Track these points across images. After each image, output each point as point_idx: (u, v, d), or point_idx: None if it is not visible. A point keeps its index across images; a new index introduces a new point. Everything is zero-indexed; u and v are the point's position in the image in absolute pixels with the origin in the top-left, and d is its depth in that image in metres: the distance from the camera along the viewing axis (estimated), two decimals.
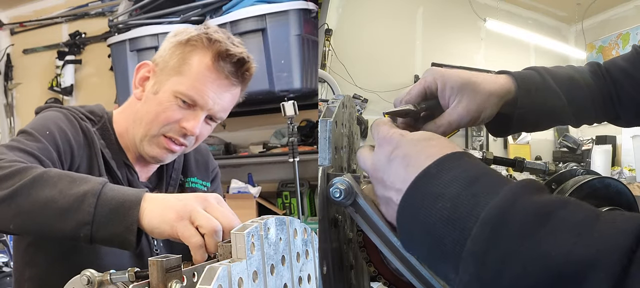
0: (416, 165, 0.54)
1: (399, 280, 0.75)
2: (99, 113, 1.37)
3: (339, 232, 0.76)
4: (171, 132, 1.31)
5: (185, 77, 1.29)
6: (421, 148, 0.56)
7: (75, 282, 0.82)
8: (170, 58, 1.32)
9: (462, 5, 4.99)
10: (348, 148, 0.86)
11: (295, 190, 3.02)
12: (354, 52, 4.45)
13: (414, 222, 0.51)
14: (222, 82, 1.30)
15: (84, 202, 0.95)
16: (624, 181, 4.13)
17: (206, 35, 1.30)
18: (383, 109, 4.58)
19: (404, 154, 0.57)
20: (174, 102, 1.29)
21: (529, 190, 0.46)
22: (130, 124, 1.35)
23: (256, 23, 3.02)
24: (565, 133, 5.53)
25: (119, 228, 0.94)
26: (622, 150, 4.93)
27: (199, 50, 1.30)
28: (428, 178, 0.52)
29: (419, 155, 0.55)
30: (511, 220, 0.44)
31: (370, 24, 4.60)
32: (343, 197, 0.65)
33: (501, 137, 0.96)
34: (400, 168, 0.56)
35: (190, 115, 1.30)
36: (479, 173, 0.50)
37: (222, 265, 0.63)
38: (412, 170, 0.54)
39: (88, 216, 0.94)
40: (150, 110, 1.31)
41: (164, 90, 1.30)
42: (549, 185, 0.94)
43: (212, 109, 1.31)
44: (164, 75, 1.31)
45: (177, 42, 1.33)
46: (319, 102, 3.27)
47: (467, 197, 0.48)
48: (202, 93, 1.28)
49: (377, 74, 4.57)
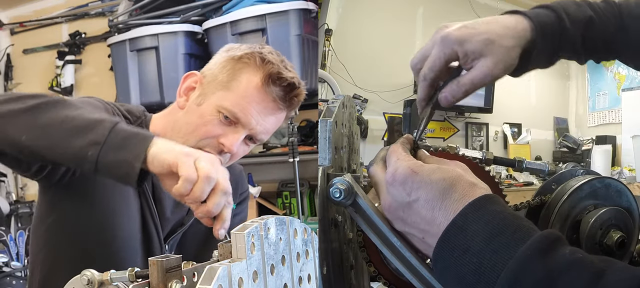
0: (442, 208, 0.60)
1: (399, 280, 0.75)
2: (137, 114, 1.36)
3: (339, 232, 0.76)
4: (208, 146, 1.27)
5: (231, 93, 1.27)
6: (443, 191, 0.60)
7: (76, 282, 0.82)
8: (220, 72, 1.30)
9: (462, 5, 4.99)
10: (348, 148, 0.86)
11: (295, 190, 3.02)
12: (354, 52, 4.45)
13: (448, 272, 0.59)
14: (269, 105, 1.28)
15: (100, 125, 0.98)
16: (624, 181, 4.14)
17: (260, 55, 1.28)
18: (383, 109, 4.60)
19: (426, 199, 0.61)
20: (216, 117, 1.26)
21: (542, 252, 0.52)
22: (168, 131, 1.32)
23: (256, 23, 3.02)
24: (565, 133, 5.54)
25: (127, 155, 0.95)
26: (622, 150, 4.93)
27: (250, 69, 1.28)
28: (455, 230, 0.58)
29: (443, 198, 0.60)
30: (522, 285, 0.52)
31: (370, 24, 4.60)
32: (343, 197, 0.65)
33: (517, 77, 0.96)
34: (424, 211, 0.61)
35: (230, 131, 1.27)
36: (499, 226, 0.56)
37: (222, 265, 0.63)
38: (439, 214, 0.60)
39: (101, 137, 0.96)
40: (190, 121, 1.29)
41: (208, 103, 1.28)
42: (549, 185, 0.94)
43: (253, 129, 1.28)
44: (210, 88, 1.29)
45: (229, 57, 1.31)
46: (319, 102, 3.27)
47: (490, 253, 0.55)
48: (246, 111, 1.26)
49: (377, 74, 4.57)
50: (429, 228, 0.60)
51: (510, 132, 5.40)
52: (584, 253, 0.53)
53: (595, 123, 5.55)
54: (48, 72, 4.40)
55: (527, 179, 4.63)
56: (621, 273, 0.50)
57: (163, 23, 3.34)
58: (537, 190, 0.95)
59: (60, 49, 4.34)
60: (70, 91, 4.28)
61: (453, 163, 0.65)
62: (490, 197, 0.59)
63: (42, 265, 1.31)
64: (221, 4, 3.20)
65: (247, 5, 3.08)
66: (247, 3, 3.09)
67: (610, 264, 0.51)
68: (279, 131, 3.60)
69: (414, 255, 0.65)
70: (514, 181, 4.67)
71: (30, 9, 4.50)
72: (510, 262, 0.53)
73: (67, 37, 4.33)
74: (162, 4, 3.41)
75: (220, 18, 3.11)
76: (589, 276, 0.50)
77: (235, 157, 1.33)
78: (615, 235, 0.87)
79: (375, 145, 4.38)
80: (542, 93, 5.68)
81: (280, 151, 3.44)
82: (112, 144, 0.96)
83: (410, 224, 0.62)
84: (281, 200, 3.69)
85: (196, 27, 3.28)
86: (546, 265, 0.52)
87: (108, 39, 3.58)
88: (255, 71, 1.27)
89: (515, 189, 4.46)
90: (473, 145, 5.11)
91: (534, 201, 0.92)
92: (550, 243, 0.53)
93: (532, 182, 4.54)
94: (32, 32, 4.49)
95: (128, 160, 0.95)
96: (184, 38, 3.26)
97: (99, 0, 4.24)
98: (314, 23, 3.19)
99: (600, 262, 0.51)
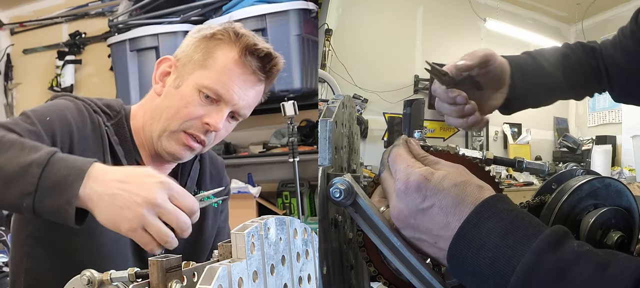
0: (456, 213, 0.62)
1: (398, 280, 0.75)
2: (117, 108, 1.33)
3: (339, 232, 0.76)
4: (192, 128, 1.26)
5: (210, 71, 1.25)
6: (456, 197, 0.62)
7: (76, 281, 0.82)
8: (194, 52, 1.29)
9: (462, 5, 4.99)
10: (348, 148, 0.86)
11: (295, 190, 3.02)
12: (354, 52, 4.45)
13: (463, 267, 0.61)
14: (249, 77, 1.27)
15: (28, 172, 0.93)
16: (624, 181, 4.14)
17: (233, 30, 1.27)
18: (383, 109, 4.59)
19: (441, 206, 0.63)
20: (197, 97, 1.25)
21: (553, 246, 0.56)
22: (148, 119, 1.31)
23: (256, 23, 3.02)
24: (565, 133, 5.54)
25: (59, 201, 0.92)
26: (622, 150, 4.93)
27: (225, 44, 1.27)
28: (470, 227, 0.61)
29: (457, 204, 0.62)
30: (538, 275, 0.56)
31: (370, 24, 4.60)
32: (343, 197, 0.65)
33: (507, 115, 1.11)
34: (439, 217, 0.63)
35: (213, 110, 1.26)
36: (512, 223, 0.59)
37: (222, 265, 0.63)
38: (453, 219, 0.62)
39: (30, 187, 0.92)
40: (171, 105, 1.27)
41: (187, 84, 1.26)
42: (549, 185, 0.94)
43: (237, 105, 1.27)
44: (186, 69, 1.28)
45: (202, 36, 1.30)
46: (319, 102, 3.27)
47: (504, 249, 0.58)
48: (227, 87, 1.25)
49: (377, 74, 4.57)
50: (443, 233, 0.62)
51: (510, 132, 5.40)
52: (590, 246, 0.57)
53: (595, 123, 5.54)
54: (48, 72, 4.40)
55: (527, 179, 4.63)
56: (625, 263, 0.54)
57: (163, 23, 3.34)
58: (537, 190, 0.95)
59: (60, 49, 4.34)
60: (70, 91, 4.28)
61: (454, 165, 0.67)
62: (500, 196, 0.63)
63: (26, 274, 1.26)
64: (221, 4, 3.20)
65: (247, 5, 3.08)
66: (247, 3, 3.09)
67: (615, 255, 0.55)
68: (279, 131, 3.60)
69: (414, 256, 0.65)
70: (514, 181, 4.67)
71: (30, 9, 4.50)
72: (525, 256, 0.56)
73: (67, 37, 4.33)
74: (162, 4, 3.41)
75: (220, 18, 3.11)
76: (596, 266, 0.54)
77: (219, 135, 1.31)
78: (615, 235, 0.87)
79: (375, 145, 4.38)
80: None
81: (280, 151, 3.44)
82: (43, 193, 0.92)
83: (422, 230, 0.64)
84: (281, 200, 3.69)
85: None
86: (557, 257, 0.56)
87: (108, 39, 3.59)
88: (231, 46, 1.26)
89: (515, 189, 4.45)
90: (473, 145, 5.11)
91: (534, 201, 0.92)
92: (560, 237, 0.57)
93: (532, 182, 4.54)
94: (32, 32, 4.50)
95: (61, 207, 0.92)
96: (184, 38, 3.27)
97: (99, 0, 4.24)
98: (314, 23, 3.19)
99: (605, 254, 0.56)
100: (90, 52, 4.32)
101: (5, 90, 4.60)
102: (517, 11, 5.45)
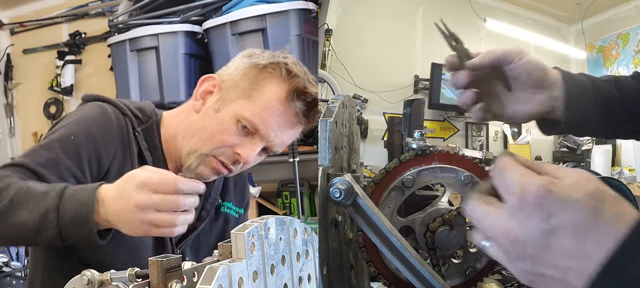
0: (594, 236, 0.48)
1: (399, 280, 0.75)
2: (149, 113, 1.32)
3: (339, 232, 0.76)
4: (223, 155, 1.25)
5: (253, 104, 1.23)
6: (591, 214, 0.48)
7: (76, 281, 0.82)
8: (241, 80, 1.26)
9: (462, 5, 4.99)
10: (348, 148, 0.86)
11: (295, 190, 3.02)
12: (354, 52, 4.45)
13: None
14: (290, 119, 1.25)
15: (46, 218, 1.01)
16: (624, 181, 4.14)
17: (285, 66, 1.24)
18: (383, 109, 4.60)
19: (572, 224, 0.48)
20: (234, 126, 1.23)
21: None
22: (181, 132, 1.29)
23: (256, 23, 3.02)
24: None
25: (82, 233, 1.01)
26: (622, 150, 4.93)
27: (275, 80, 1.24)
28: (625, 259, 0.46)
29: (594, 223, 0.48)
30: None
31: (370, 24, 4.60)
32: (343, 197, 0.65)
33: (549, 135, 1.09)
34: (568, 241, 0.48)
35: (247, 142, 1.24)
36: None
37: (222, 265, 0.63)
38: (590, 246, 0.48)
39: (54, 231, 1.01)
40: (207, 127, 1.25)
41: (227, 110, 1.24)
42: None
43: (271, 142, 1.25)
44: (230, 94, 1.26)
45: (252, 64, 1.27)
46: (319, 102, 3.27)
47: None
48: (266, 123, 1.23)
49: (377, 74, 4.57)
50: (574, 264, 0.48)
51: (510, 132, 5.40)
52: None
53: None
54: (48, 72, 4.39)
55: None
56: None
57: (163, 23, 3.34)
58: None
59: (60, 49, 4.34)
60: (70, 91, 4.28)
61: (578, 171, 0.53)
62: None
63: (42, 284, 1.27)
64: (221, 4, 3.20)
65: (247, 5, 3.08)
66: (247, 3, 3.09)
67: None
68: None
69: (414, 255, 0.65)
70: None
71: (30, 9, 4.49)
72: None
73: (67, 37, 4.33)
74: (162, 4, 3.41)
75: (220, 18, 3.11)
76: None
77: (247, 166, 1.29)
78: None
79: (375, 145, 4.38)
80: None
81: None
82: (66, 232, 1.02)
83: (546, 262, 0.50)
84: (281, 200, 3.69)
85: (196, 27, 3.28)
86: None
87: (108, 39, 3.58)
88: (280, 83, 1.23)
89: None
90: (473, 145, 5.11)
91: None
92: None
93: None
94: (32, 32, 4.49)
95: (86, 237, 1.01)
96: (184, 38, 3.26)
97: (99, 0, 4.24)
98: (314, 23, 3.18)
99: None
100: (90, 52, 4.31)
101: (5, 90, 4.59)
102: (517, 11, 5.45)
